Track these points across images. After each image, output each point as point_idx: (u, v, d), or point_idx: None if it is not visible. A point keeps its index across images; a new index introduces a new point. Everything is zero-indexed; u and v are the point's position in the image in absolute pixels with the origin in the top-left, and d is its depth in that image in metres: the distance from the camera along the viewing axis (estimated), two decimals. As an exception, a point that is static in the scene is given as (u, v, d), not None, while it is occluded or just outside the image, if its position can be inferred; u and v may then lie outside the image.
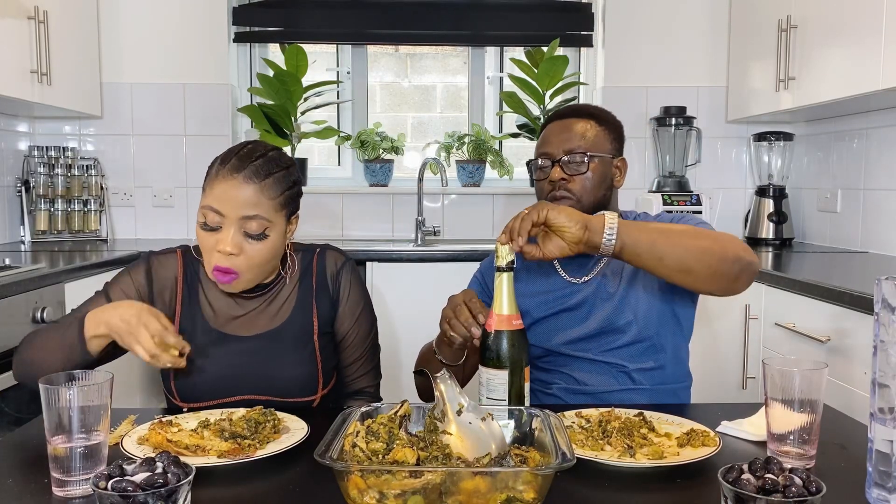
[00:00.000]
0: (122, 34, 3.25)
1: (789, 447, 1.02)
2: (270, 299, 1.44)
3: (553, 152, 1.50)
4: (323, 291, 1.46)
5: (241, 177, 1.31)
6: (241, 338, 1.41)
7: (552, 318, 1.50)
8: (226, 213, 1.31)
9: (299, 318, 1.43)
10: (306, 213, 3.39)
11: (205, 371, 1.37)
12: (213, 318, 1.42)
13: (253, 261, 1.33)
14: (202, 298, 1.43)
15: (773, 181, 3.22)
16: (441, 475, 0.83)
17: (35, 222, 3.07)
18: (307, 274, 1.47)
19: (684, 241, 1.27)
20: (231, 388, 1.38)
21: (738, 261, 1.28)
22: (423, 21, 3.39)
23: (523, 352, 1.17)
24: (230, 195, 1.30)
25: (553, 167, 1.49)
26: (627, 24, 3.33)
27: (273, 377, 1.39)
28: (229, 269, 1.32)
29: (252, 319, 1.42)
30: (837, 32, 2.45)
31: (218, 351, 1.39)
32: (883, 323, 0.87)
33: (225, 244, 1.30)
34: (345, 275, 1.48)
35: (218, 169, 1.33)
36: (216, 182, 1.32)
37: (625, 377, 1.46)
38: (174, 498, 0.76)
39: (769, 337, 2.23)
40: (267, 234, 1.33)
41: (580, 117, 1.52)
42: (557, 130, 1.51)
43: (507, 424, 1.02)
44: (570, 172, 1.47)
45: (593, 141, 1.49)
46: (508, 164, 3.43)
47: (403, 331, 2.72)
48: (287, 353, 1.40)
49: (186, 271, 1.44)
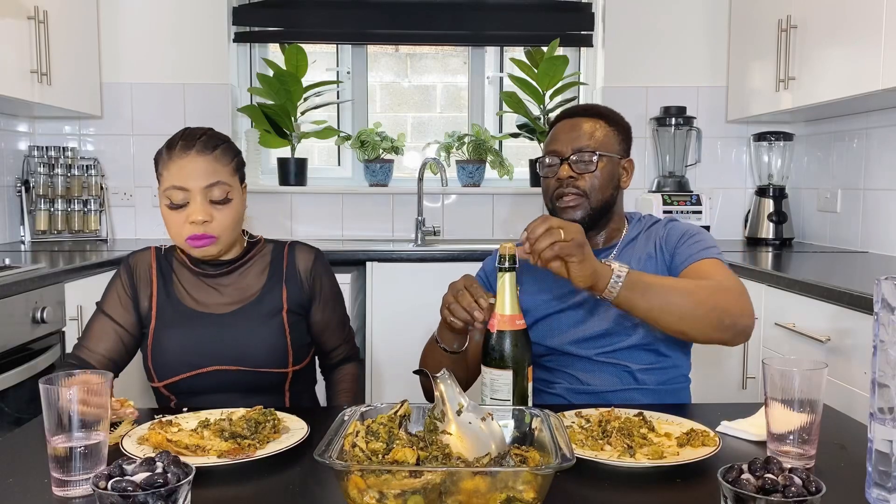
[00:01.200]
0: (122, 34, 3.25)
1: (789, 447, 1.02)
2: (240, 279, 1.53)
3: (562, 150, 1.49)
4: (293, 281, 1.55)
5: (193, 152, 1.43)
6: (212, 314, 1.50)
7: (555, 316, 1.50)
8: (189, 187, 1.42)
9: (267, 298, 1.52)
10: (306, 213, 3.42)
11: (179, 346, 1.47)
12: (186, 297, 1.52)
13: (223, 224, 1.45)
14: (175, 281, 1.53)
15: (773, 181, 3.22)
16: (441, 475, 0.83)
17: (35, 222, 3.07)
18: (277, 262, 1.57)
19: (683, 308, 1.29)
20: (204, 360, 1.46)
21: (732, 327, 1.33)
22: (423, 21, 3.39)
23: (526, 352, 1.17)
24: (189, 169, 1.42)
25: (561, 165, 1.49)
26: (627, 24, 3.33)
27: (244, 348, 1.47)
28: (203, 235, 1.43)
29: (222, 297, 1.52)
30: (837, 32, 2.45)
31: (191, 325, 1.48)
32: (883, 323, 0.87)
33: (196, 213, 1.42)
34: (319, 268, 1.59)
35: (168, 154, 1.45)
36: (171, 164, 1.43)
37: (628, 377, 1.46)
38: (174, 498, 0.76)
39: (769, 337, 2.23)
40: (230, 199, 1.46)
41: (590, 117, 1.52)
42: (567, 129, 1.51)
43: (507, 424, 1.02)
44: (579, 171, 1.47)
45: (602, 140, 1.49)
46: (508, 164, 3.43)
47: (403, 331, 2.72)
48: (256, 327, 1.49)
49: (160, 262, 1.56)
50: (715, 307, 1.31)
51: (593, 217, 1.49)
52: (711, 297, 1.32)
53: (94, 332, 1.51)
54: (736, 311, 1.33)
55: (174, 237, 1.47)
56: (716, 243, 1.50)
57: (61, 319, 2.22)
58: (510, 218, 3.43)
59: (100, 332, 1.50)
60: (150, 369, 1.49)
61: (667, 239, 1.51)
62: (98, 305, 1.54)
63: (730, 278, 1.39)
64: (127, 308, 1.52)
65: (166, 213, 1.45)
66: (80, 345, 1.50)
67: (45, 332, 2.14)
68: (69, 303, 2.26)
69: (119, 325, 1.51)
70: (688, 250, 1.46)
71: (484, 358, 1.18)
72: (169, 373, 1.47)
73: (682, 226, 1.54)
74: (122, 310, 1.52)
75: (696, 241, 1.47)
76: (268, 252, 1.58)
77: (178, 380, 1.46)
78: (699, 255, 1.44)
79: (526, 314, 1.22)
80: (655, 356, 1.46)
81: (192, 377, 1.46)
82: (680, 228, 1.52)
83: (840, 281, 1.96)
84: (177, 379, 1.46)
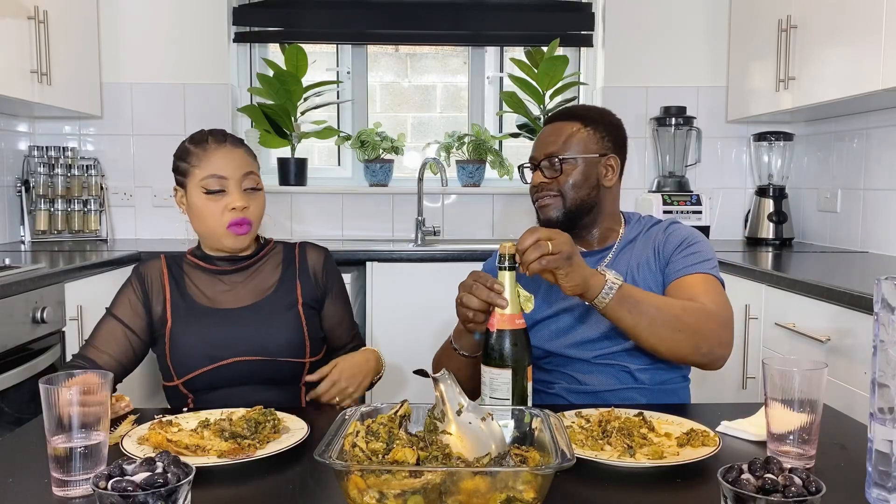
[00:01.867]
0: (122, 34, 3.25)
1: (789, 447, 1.02)
2: (254, 275, 1.56)
3: (536, 156, 1.55)
4: (306, 277, 1.59)
5: (228, 145, 1.52)
6: (229, 310, 1.52)
7: (553, 319, 1.50)
8: (228, 175, 1.49)
9: (283, 291, 1.56)
10: (307, 213, 3.42)
11: (198, 340, 1.48)
12: (202, 297, 1.54)
13: (257, 212, 1.53)
14: (188, 283, 1.55)
15: (773, 181, 3.22)
16: (441, 475, 0.83)
17: (35, 222, 3.07)
18: (289, 260, 1.61)
19: (664, 331, 1.33)
20: (223, 352, 1.47)
21: (709, 354, 1.37)
22: (423, 21, 3.39)
23: (526, 351, 1.17)
24: (228, 159, 1.50)
25: (535, 171, 1.55)
26: (627, 24, 3.33)
27: (262, 339, 1.49)
28: (243, 220, 1.49)
29: (237, 294, 1.54)
30: (837, 32, 2.45)
31: (208, 321, 1.50)
32: (883, 323, 0.87)
33: (236, 200, 1.49)
34: (330, 266, 1.63)
35: (200, 148, 1.51)
36: (207, 156, 1.50)
37: (627, 376, 1.46)
38: (174, 498, 0.76)
39: (769, 337, 2.23)
40: (260, 188, 1.55)
41: (567, 120, 1.55)
42: (545, 134, 1.55)
43: (507, 424, 1.02)
44: (550, 176, 1.51)
45: (575, 142, 1.51)
46: (508, 164, 3.43)
47: (403, 331, 2.72)
48: (273, 318, 1.52)
49: (171, 267, 1.58)
50: (696, 332, 1.34)
51: (571, 216, 1.51)
52: (695, 322, 1.35)
53: (102, 335, 1.50)
54: (714, 340, 1.36)
55: (212, 227, 1.50)
56: (713, 255, 1.50)
57: (61, 319, 2.22)
58: (510, 218, 3.43)
59: (109, 335, 1.50)
60: (170, 367, 1.49)
61: (665, 244, 1.50)
62: (107, 310, 1.54)
63: (717, 301, 1.41)
64: (138, 313, 1.51)
65: (203, 205, 1.50)
66: (88, 345, 1.50)
67: (45, 332, 2.14)
68: (69, 303, 2.26)
69: (129, 329, 1.50)
70: (683, 261, 1.46)
71: (484, 357, 1.18)
72: (188, 369, 1.47)
73: (682, 231, 1.53)
74: (132, 314, 1.51)
75: (693, 251, 1.47)
76: (279, 251, 1.62)
77: (198, 374, 1.46)
78: (693, 268, 1.45)
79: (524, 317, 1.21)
80: (653, 357, 1.46)
81: (213, 370, 1.46)
82: (680, 234, 1.52)
83: (840, 281, 1.96)
84: (197, 373, 1.46)
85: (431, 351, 1.55)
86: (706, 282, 1.43)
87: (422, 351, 1.74)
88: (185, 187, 1.53)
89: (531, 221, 3.39)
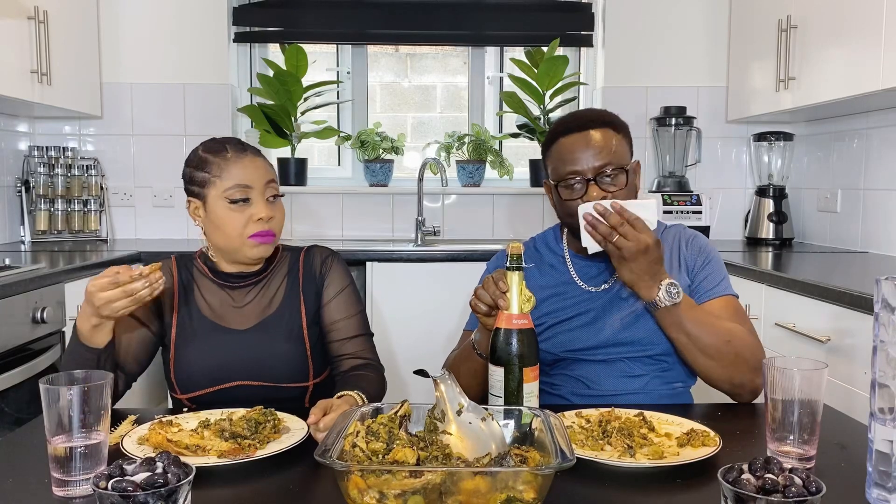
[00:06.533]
0: (122, 34, 3.25)
1: (789, 447, 1.02)
2: (261, 291, 1.53)
3: (584, 170, 1.41)
4: (310, 283, 1.56)
5: (250, 154, 1.49)
6: (234, 330, 1.49)
7: (565, 323, 1.49)
8: (253, 185, 1.46)
9: (288, 310, 1.52)
10: (306, 213, 3.42)
11: (202, 360, 1.46)
12: (208, 311, 1.51)
13: (279, 222, 1.50)
14: (197, 294, 1.52)
15: (773, 181, 3.22)
16: (441, 475, 0.83)
17: (35, 222, 3.07)
18: (294, 269, 1.57)
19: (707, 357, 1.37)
20: (227, 375, 1.46)
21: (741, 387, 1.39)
22: (423, 21, 3.39)
23: (522, 350, 1.17)
24: (252, 168, 1.47)
25: (588, 186, 1.41)
26: (627, 24, 3.33)
27: (266, 364, 1.47)
28: (268, 231, 1.46)
29: (244, 310, 1.51)
30: (837, 32, 2.45)
31: (214, 341, 1.48)
32: (883, 323, 0.87)
33: (261, 211, 1.46)
34: (331, 262, 1.59)
35: (222, 157, 1.46)
36: (231, 165, 1.46)
37: (633, 381, 1.46)
38: (174, 498, 0.75)
39: (769, 337, 2.23)
40: (282, 196, 1.52)
41: (599, 127, 1.44)
42: (582, 145, 1.41)
43: (507, 424, 1.02)
44: (610, 191, 1.41)
45: (618, 151, 1.42)
46: (508, 164, 3.43)
47: (403, 331, 2.72)
48: (278, 341, 1.49)
49: (181, 274, 1.54)
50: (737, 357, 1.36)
51: None
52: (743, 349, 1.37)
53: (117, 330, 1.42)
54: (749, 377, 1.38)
55: (234, 238, 1.45)
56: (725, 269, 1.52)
57: (61, 319, 2.22)
58: (510, 218, 3.43)
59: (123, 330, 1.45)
60: (174, 382, 1.48)
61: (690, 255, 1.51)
62: None
63: (753, 330, 1.44)
64: (150, 309, 1.48)
65: (226, 216, 1.44)
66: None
67: (45, 332, 2.14)
68: (69, 303, 2.26)
69: (142, 324, 1.47)
70: (710, 280, 1.47)
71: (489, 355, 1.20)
72: (192, 387, 1.46)
73: (699, 241, 1.53)
74: (144, 309, 1.47)
75: (714, 269, 1.48)
76: (285, 262, 1.57)
77: (200, 394, 1.45)
78: (722, 290, 1.46)
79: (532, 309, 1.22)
80: (659, 363, 1.46)
81: (214, 392, 1.45)
82: (698, 244, 1.52)
83: (840, 281, 1.96)
84: (199, 393, 1.45)
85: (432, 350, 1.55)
86: (737, 307, 1.46)
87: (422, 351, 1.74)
88: (203, 198, 1.47)
89: (531, 221, 3.39)
